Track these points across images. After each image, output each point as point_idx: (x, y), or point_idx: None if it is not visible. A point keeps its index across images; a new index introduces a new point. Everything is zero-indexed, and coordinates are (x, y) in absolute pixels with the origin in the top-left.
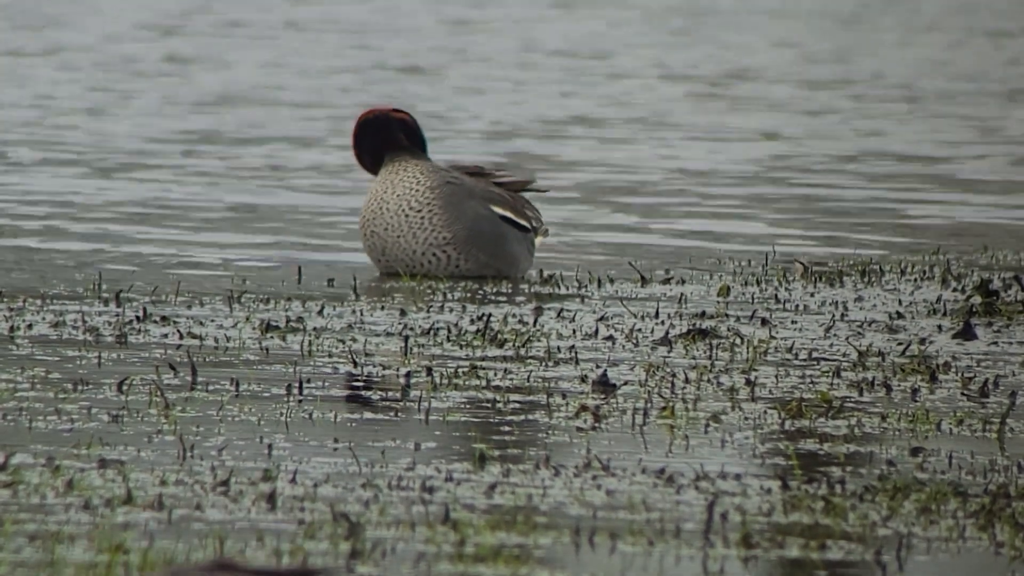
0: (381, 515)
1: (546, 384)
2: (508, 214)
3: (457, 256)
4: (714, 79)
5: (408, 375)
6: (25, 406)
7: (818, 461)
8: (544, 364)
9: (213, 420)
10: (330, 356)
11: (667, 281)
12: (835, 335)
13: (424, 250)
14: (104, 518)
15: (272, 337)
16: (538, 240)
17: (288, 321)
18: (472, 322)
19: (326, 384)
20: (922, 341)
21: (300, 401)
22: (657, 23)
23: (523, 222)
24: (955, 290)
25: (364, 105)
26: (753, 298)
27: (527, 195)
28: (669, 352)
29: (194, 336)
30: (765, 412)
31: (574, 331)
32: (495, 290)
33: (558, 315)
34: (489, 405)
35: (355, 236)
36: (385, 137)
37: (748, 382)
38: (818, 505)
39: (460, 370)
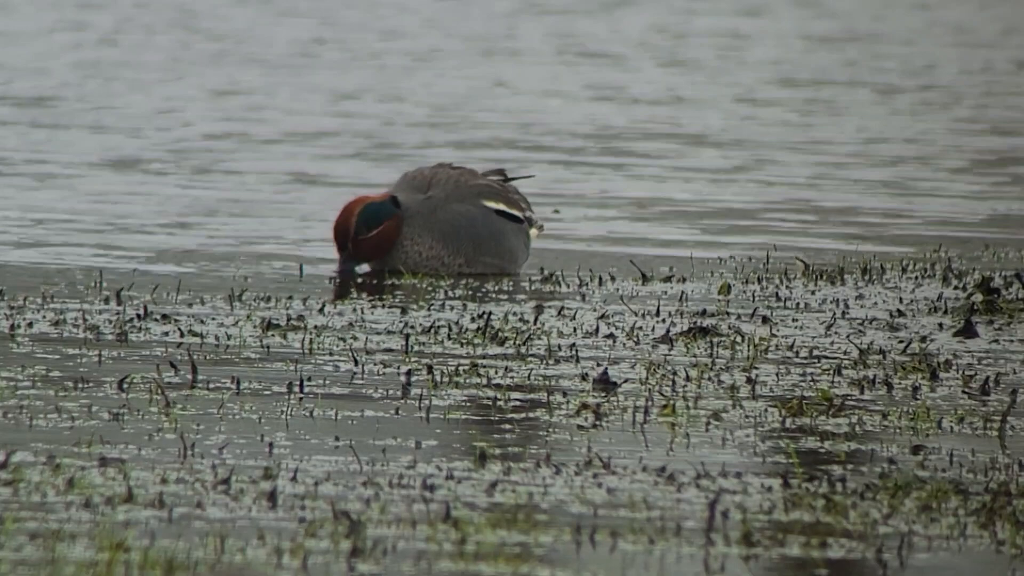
0: (382, 513)
1: (547, 382)
2: (501, 206)
3: (469, 269)
4: None
5: (409, 373)
6: (26, 404)
7: (819, 459)
8: (545, 362)
9: (214, 418)
10: (331, 354)
11: (668, 279)
12: (836, 333)
13: (440, 274)
14: (105, 516)
15: (273, 335)
16: (532, 232)
17: (289, 319)
18: (473, 320)
19: (327, 382)
20: (923, 339)
21: (301, 399)
22: None
23: (516, 212)
24: (956, 288)
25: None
26: (754, 296)
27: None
28: (670, 350)
29: (195, 334)
30: (766, 410)
31: (575, 329)
32: (496, 288)
33: (559, 313)
34: (490, 403)
35: None
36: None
37: (749, 380)
38: (819, 503)
39: (461, 368)
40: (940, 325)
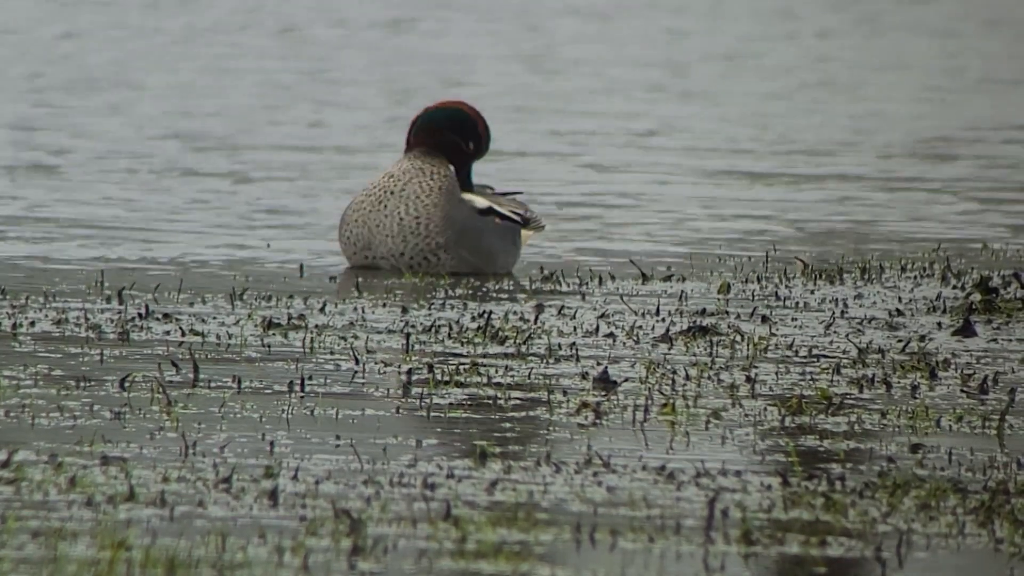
0: (383, 512)
1: (547, 381)
2: (491, 204)
3: (446, 256)
4: None
5: (409, 372)
6: (28, 403)
7: (818, 458)
8: (545, 361)
9: (215, 417)
10: (332, 353)
11: (668, 278)
12: (835, 332)
13: (413, 254)
14: (106, 515)
15: (274, 334)
16: (529, 233)
17: (290, 318)
18: (473, 319)
19: (328, 381)
20: (922, 338)
21: (302, 398)
22: None
23: (504, 211)
24: (955, 287)
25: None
26: (753, 295)
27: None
28: (670, 349)
29: (196, 333)
30: (765, 409)
31: (575, 328)
32: (496, 287)
33: (559, 312)
34: (490, 402)
35: None
36: (455, 138)
37: (748, 379)
38: (818, 501)
39: (461, 367)
40: (939, 324)
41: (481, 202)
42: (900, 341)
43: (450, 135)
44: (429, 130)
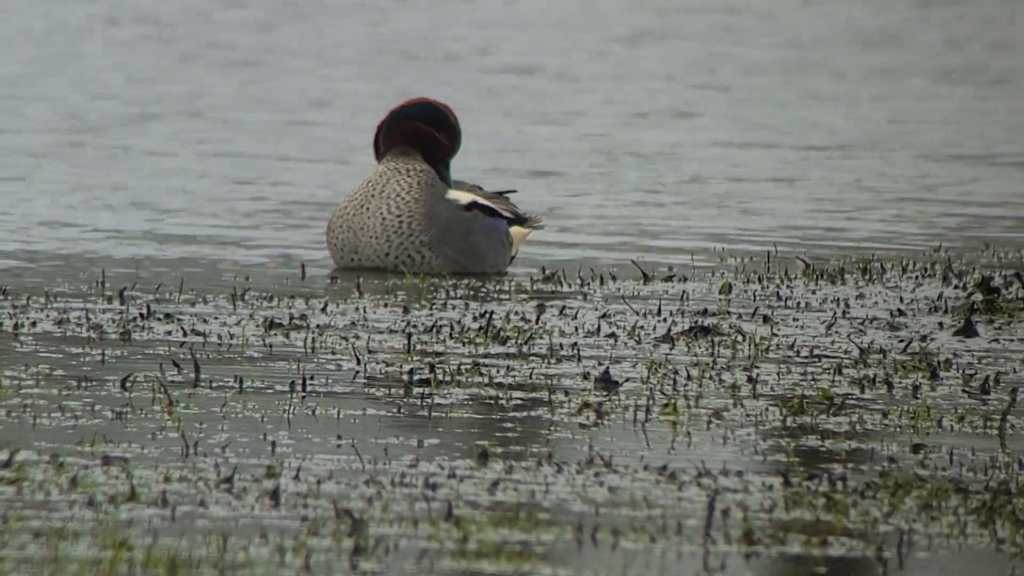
0: (384, 512)
1: (548, 381)
2: (474, 199)
3: (430, 255)
4: None
5: (411, 372)
6: (29, 403)
7: (819, 458)
8: (546, 361)
9: (216, 417)
10: (333, 353)
11: (669, 279)
12: (836, 332)
13: (398, 253)
14: (108, 515)
15: (275, 334)
16: (522, 230)
17: (291, 318)
18: (475, 319)
19: (329, 381)
20: (923, 338)
21: (303, 398)
22: None
23: (490, 204)
24: (956, 287)
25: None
26: (755, 295)
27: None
28: (671, 349)
29: (198, 333)
30: (767, 409)
31: (576, 328)
32: (497, 288)
33: (560, 312)
34: (492, 402)
35: None
36: (425, 133)
37: (750, 379)
38: (819, 502)
39: (463, 367)
40: (940, 324)
41: (465, 198)
42: (902, 341)
43: (421, 125)
44: (399, 124)
